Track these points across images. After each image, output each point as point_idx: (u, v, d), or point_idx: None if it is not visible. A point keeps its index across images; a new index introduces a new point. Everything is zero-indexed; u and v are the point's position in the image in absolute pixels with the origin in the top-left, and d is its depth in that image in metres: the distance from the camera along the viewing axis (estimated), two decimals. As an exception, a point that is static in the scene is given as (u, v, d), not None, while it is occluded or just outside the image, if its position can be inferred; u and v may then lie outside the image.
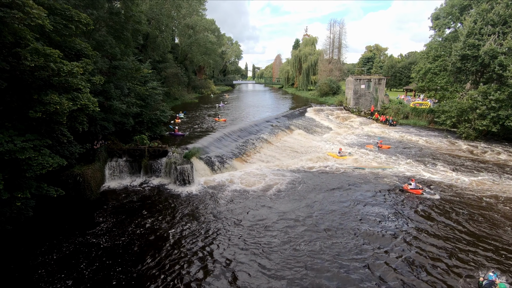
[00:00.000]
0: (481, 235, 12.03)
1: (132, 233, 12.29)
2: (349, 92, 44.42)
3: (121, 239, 11.87)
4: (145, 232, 12.41)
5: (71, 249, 11.15)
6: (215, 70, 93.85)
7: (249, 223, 13.17)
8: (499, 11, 26.58)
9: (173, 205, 15.03)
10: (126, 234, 12.20)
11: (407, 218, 13.59)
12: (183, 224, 13.07)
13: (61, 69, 11.11)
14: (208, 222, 13.28)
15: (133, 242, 11.67)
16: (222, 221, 13.33)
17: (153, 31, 39.62)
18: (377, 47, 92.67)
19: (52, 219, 13.38)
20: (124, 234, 12.24)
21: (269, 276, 9.66)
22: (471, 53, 27.26)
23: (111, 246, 11.39)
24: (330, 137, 30.68)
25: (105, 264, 10.30)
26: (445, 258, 10.54)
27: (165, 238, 11.94)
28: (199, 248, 11.27)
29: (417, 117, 37.33)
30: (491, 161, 22.31)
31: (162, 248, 11.27)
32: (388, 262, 10.34)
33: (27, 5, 10.50)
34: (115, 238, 11.94)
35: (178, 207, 14.74)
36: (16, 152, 10.23)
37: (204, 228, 12.76)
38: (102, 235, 12.12)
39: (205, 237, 12.05)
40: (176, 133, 24.27)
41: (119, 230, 12.55)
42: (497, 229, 12.53)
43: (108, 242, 11.65)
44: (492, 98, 25.62)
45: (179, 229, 12.62)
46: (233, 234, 12.24)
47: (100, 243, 11.55)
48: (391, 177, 18.93)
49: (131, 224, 13.00)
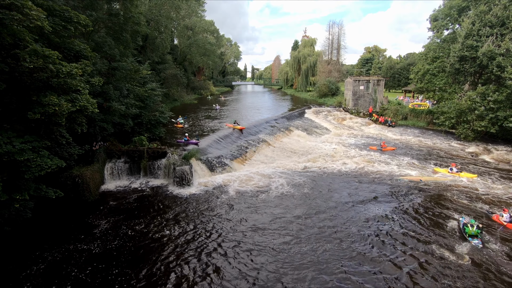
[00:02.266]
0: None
1: (130, 235, 12.25)
2: (348, 93, 44.50)
3: (119, 240, 11.84)
4: (143, 233, 12.37)
5: (69, 251, 11.11)
6: (214, 71, 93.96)
7: (248, 224, 13.16)
8: (497, 12, 26.68)
9: (172, 206, 15.01)
10: (124, 236, 12.17)
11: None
12: (182, 225, 13.05)
13: (60, 70, 11.11)
14: (207, 223, 13.26)
15: (131, 244, 11.63)
16: (221, 223, 13.31)
17: (152, 32, 39.67)
18: (376, 48, 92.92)
19: (51, 221, 13.34)
20: (122, 235, 12.21)
21: (267, 277, 9.65)
22: (470, 54, 27.34)
23: (109, 247, 11.36)
24: (329, 138, 30.73)
25: (102, 266, 10.27)
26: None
27: (164, 239, 11.92)
28: (198, 249, 11.25)
29: (416, 118, 37.39)
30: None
31: (160, 250, 11.23)
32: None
33: (26, 7, 10.51)
34: (113, 239, 11.90)
35: (177, 209, 14.72)
36: (15, 154, 10.20)
37: (203, 229, 12.74)
38: (100, 237, 12.08)
39: (204, 238, 12.03)
40: (190, 141, 22.09)
41: (117, 231, 12.52)
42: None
43: (106, 243, 11.61)
44: (491, 99, 25.68)
45: (178, 231, 12.60)
46: (232, 236, 12.22)
47: (98, 245, 11.51)
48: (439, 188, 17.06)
49: (129, 226, 12.97)
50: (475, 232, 11.49)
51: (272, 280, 9.54)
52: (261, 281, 9.50)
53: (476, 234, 11.51)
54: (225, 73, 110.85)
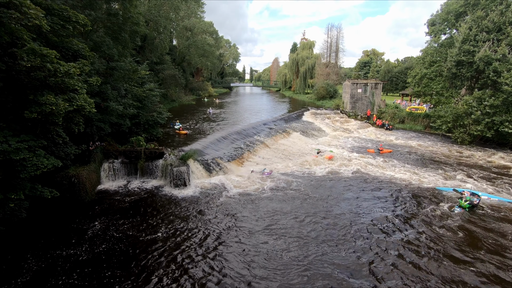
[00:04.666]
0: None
1: (125, 236, 12.17)
2: (346, 96, 44.68)
3: (113, 241, 11.75)
4: (138, 234, 12.30)
5: (62, 251, 11.01)
6: (212, 73, 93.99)
7: (245, 226, 13.12)
8: (494, 18, 26.98)
9: (169, 207, 14.95)
10: (119, 237, 12.09)
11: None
12: (177, 226, 13.00)
13: (57, 69, 11.05)
14: (203, 224, 13.22)
15: (126, 245, 11.55)
16: (217, 224, 13.28)
17: (151, 32, 39.62)
18: (374, 52, 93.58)
19: (46, 221, 13.22)
20: (117, 236, 12.12)
21: (263, 279, 9.63)
22: (466, 59, 27.58)
23: (104, 248, 11.27)
24: (327, 140, 30.79)
25: (95, 267, 10.18)
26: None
27: (159, 241, 11.85)
28: (194, 251, 11.19)
29: (413, 122, 37.64)
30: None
31: (155, 251, 11.16)
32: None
33: (24, 5, 10.46)
34: (108, 240, 11.82)
35: (173, 210, 14.66)
36: (11, 153, 10.12)
37: (199, 231, 12.69)
38: (95, 237, 12.00)
39: (200, 240, 11.98)
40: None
41: (112, 232, 12.44)
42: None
43: (100, 244, 11.53)
44: (487, 104, 25.92)
45: (173, 232, 12.54)
46: (229, 237, 12.19)
47: (92, 246, 11.42)
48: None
49: (125, 227, 12.89)
50: (464, 205, 14.09)
51: (270, 282, 9.53)
52: (256, 283, 9.48)
53: (464, 207, 14.12)
54: (223, 75, 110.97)
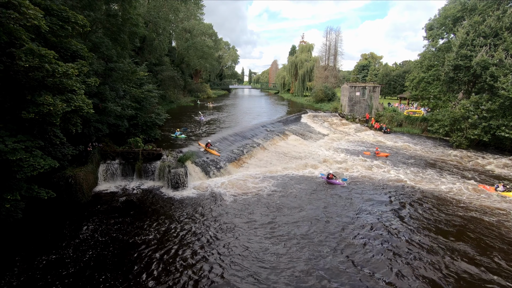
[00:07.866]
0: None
1: (121, 237, 12.10)
2: (344, 99, 44.84)
3: (109, 243, 11.68)
4: (134, 236, 12.23)
5: (58, 253, 10.92)
6: (211, 74, 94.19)
7: (242, 228, 13.09)
8: (491, 23, 27.25)
9: (166, 209, 14.89)
10: (114, 239, 12.01)
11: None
12: (174, 228, 12.94)
13: (56, 70, 11.01)
14: (200, 226, 13.17)
15: (121, 246, 11.48)
16: (214, 226, 13.23)
17: (150, 34, 39.63)
18: (373, 55, 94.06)
19: (42, 222, 13.11)
20: (113, 238, 12.05)
21: (261, 282, 9.60)
22: (464, 63, 27.81)
23: (100, 249, 11.19)
24: (325, 143, 30.85)
25: (91, 268, 10.10)
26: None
27: (156, 242, 11.79)
28: (191, 253, 11.14)
29: (410, 125, 37.84)
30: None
31: (151, 252, 11.10)
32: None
33: (23, 6, 10.45)
34: (104, 241, 11.74)
35: (170, 211, 14.60)
36: (7, 153, 10.05)
37: (197, 233, 12.64)
38: (89, 239, 11.91)
39: (197, 242, 11.92)
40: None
41: (109, 233, 12.36)
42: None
43: (96, 245, 11.45)
44: (484, 108, 26.12)
45: (171, 233, 12.48)
46: (225, 240, 12.14)
47: (88, 247, 11.34)
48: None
49: (121, 228, 12.82)
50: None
51: (268, 283, 9.50)
52: (253, 285, 9.45)
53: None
54: (222, 76, 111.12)
